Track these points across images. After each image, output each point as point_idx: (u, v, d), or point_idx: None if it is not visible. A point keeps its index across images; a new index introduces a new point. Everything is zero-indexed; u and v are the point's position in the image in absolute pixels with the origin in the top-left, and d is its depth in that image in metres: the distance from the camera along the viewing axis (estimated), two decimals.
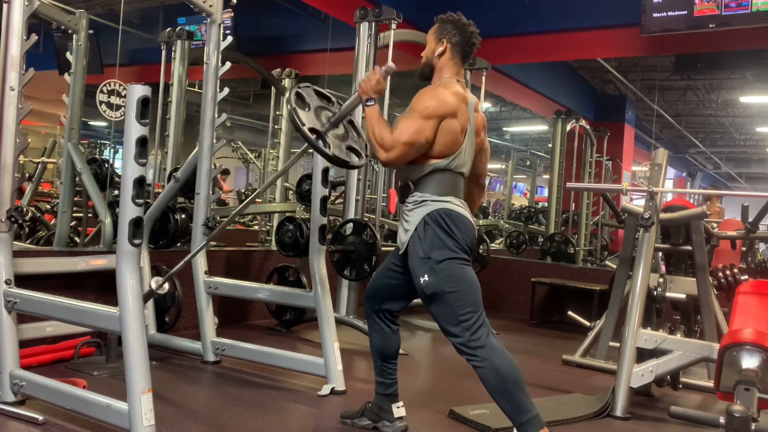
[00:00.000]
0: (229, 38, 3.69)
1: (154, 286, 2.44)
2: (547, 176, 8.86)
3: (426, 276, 2.36)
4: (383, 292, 2.63)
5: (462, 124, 2.44)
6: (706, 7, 5.36)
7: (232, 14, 6.83)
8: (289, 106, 2.45)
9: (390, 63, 2.51)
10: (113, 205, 4.27)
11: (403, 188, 2.50)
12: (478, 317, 2.34)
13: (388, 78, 2.55)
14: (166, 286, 2.51)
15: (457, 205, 2.43)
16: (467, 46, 2.53)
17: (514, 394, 2.30)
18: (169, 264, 3.95)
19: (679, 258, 4.03)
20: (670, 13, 5.53)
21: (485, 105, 9.41)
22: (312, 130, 2.45)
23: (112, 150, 7.28)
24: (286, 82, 5.76)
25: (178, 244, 4.24)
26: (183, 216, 4.13)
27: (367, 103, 2.46)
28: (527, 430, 2.29)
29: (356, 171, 4.51)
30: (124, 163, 2.20)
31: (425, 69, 2.58)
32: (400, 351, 2.84)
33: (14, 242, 2.71)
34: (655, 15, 5.57)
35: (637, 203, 4.16)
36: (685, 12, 5.45)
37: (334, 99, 2.70)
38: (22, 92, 2.65)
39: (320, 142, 2.46)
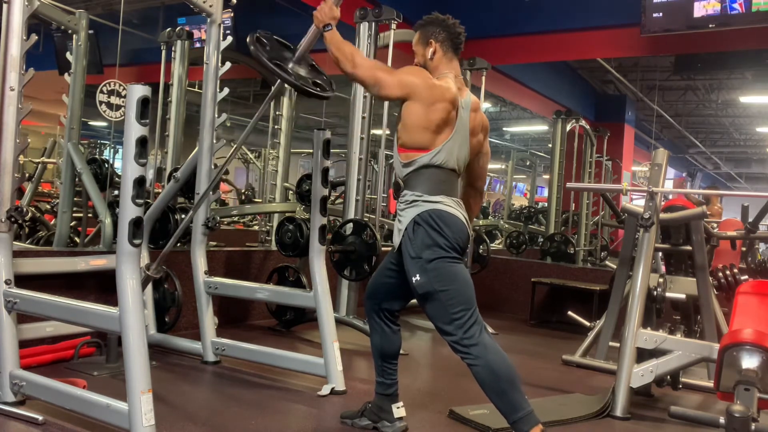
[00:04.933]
0: (229, 38, 3.69)
1: (148, 270, 2.45)
2: (547, 176, 8.86)
3: (418, 275, 2.37)
4: (382, 291, 2.63)
5: (440, 117, 2.41)
6: (706, 7, 5.36)
7: (232, 14, 6.83)
8: (252, 47, 2.49)
9: None
10: (113, 205, 4.27)
11: (395, 186, 2.51)
12: (470, 315, 2.34)
13: (339, 3, 2.58)
14: (162, 269, 2.53)
15: (449, 205, 2.42)
16: (455, 37, 2.55)
17: (507, 392, 2.30)
18: (169, 264, 3.95)
19: (679, 258, 4.03)
20: (670, 13, 5.52)
21: (485, 105, 9.40)
22: (275, 63, 2.49)
23: (112, 150, 7.28)
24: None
25: (178, 244, 4.24)
26: (183, 216, 4.13)
27: (326, 29, 2.50)
28: (521, 427, 2.29)
29: (356, 171, 4.51)
30: (124, 163, 2.20)
31: None
32: (401, 351, 2.83)
33: (14, 242, 2.71)
34: (655, 15, 5.56)
35: (637, 203, 4.16)
36: (685, 12, 5.45)
37: (293, 47, 2.76)
38: (22, 92, 2.65)
39: (282, 71, 2.51)
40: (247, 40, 2.53)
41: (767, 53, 7.23)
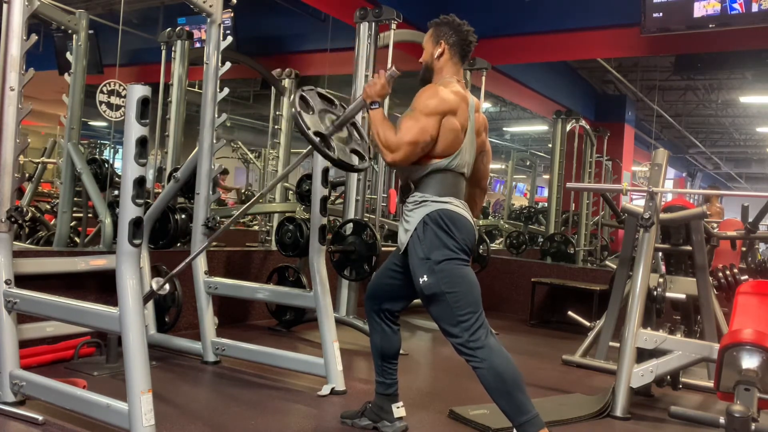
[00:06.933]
0: (229, 38, 3.69)
1: (155, 287, 2.44)
2: (547, 176, 8.86)
3: (425, 276, 2.37)
4: (384, 291, 2.63)
5: (461, 123, 2.45)
6: (706, 7, 5.36)
7: (232, 14, 6.83)
8: (293, 110, 2.46)
9: (394, 68, 2.53)
10: (113, 205, 4.27)
11: (403, 188, 2.51)
12: (477, 318, 2.34)
13: (392, 82, 2.56)
14: (167, 287, 2.51)
15: (457, 206, 2.43)
16: (465, 45, 2.55)
17: (513, 395, 2.30)
18: (169, 264, 3.95)
19: (679, 258, 4.03)
20: (670, 13, 5.53)
21: (485, 105, 9.41)
22: (317, 134, 2.46)
23: (112, 150, 7.28)
24: (286, 83, 5.76)
25: (178, 245, 4.24)
26: (183, 216, 4.13)
27: (371, 107, 2.46)
28: (527, 430, 2.29)
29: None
30: (124, 163, 2.20)
31: (425, 73, 2.59)
32: (401, 351, 2.84)
33: (14, 242, 2.71)
34: (654, 15, 5.57)
35: (637, 203, 4.16)
36: (685, 12, 5.45)
37: (336, 102, 2.70)
38: (22, 92, 2.65)
39: (324, 146, 2.47)
40: (290, 100, 2.49)
41: (767, 53, 7.23)
